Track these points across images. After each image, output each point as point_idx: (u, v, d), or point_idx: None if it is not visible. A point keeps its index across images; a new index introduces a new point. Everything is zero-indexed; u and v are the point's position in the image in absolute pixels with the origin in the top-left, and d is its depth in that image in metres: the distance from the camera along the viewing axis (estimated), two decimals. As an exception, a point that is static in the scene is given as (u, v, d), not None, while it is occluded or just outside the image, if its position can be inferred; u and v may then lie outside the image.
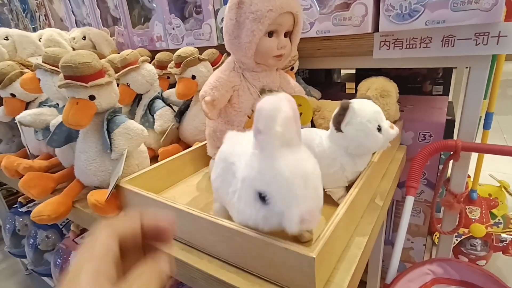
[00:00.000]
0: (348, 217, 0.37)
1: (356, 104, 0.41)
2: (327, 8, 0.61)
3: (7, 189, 1.46)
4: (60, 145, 0.55)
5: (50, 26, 1.30)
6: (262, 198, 0.29)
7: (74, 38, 0.95)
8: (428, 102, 0.83)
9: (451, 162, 0.62)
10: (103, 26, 1.05)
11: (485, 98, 0.68)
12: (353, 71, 1.29)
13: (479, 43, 0.53)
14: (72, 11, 1.14)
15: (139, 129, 0.52)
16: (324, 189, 0.46)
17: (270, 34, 0.46)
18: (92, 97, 0.48)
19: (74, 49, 0.94)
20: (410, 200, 0.57)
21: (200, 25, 0.79)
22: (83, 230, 0.87)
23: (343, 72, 1.49)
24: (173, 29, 0.85)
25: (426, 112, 0.73)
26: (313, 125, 0.61)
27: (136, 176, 0.49)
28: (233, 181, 0.33)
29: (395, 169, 0.56)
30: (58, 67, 0.57)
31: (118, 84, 0.68)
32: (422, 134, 0.67)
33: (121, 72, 0.65)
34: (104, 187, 0.52)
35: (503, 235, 0.91)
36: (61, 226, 0.99)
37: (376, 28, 0.57)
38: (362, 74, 1.15)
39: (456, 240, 0.92)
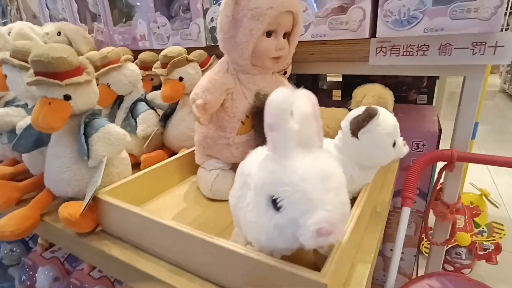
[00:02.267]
0: (355, 234, 0.34)
1: (381, 113, 0.38)
2: (323, 11, 0.59)
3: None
4: (28, 150, 0.48)
5: (21, 20, 1.21)
6: (274, 202, 0.24)
7: (47, 33, 0.87)
8: (417, 111, 0.82)
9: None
10: (81, 22, 0.98)
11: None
12: (339, 79, 1.29)
13: (476, 53, 0.52)
14: (46, 4, 1.06)
15: (121, 134, 0.47)
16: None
17: (269, 34, 0.43)
18: (67, 97, 0.42)
19: (47, 45, 0.87)
20: (406, 211, 0.55)
21: (187, 24, 0.75)
22: (53, 244, 0.79)
23: (329, 79, 1.49)
24: (158, 28, 0.80)
25: (418, 121, 0.72)
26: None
27: (116, 186, 0.44)
28: (249, 192, 0.28)
29: (392, 180, 0.55)
30: (28, 62, 0.51)
31: (97, 84, 0.63)
32: (416, 143, 0.66)
33: (101, 71, 0.60)
34: (79, 198, 0.46)
35: (486, 243, 0.92)
36: (27, 239, 0.90)
37: (373, 33, 0.56)
38: (348, 82, 1.15)
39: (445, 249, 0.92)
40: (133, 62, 0.68)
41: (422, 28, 0.52)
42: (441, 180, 0.65)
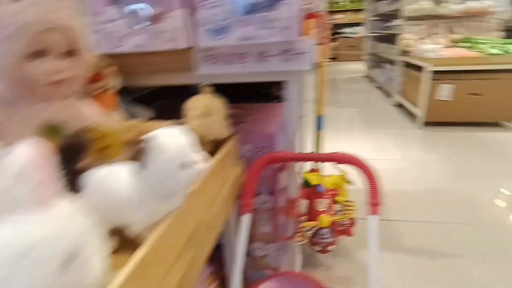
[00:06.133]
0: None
1: (158, 139, 0.35)
2: (139, 23, 0.55)
3: None
4: None
5: None
6: None
7: None
8: (271, 109, 0.86)
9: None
10: None
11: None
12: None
13: (284, 59, 0.55)
14: None
15: None
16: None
17: (38, 55, 0.36)
18: None
19: None
20: (246, 218, 0.56)
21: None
22: None
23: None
24: None
25: (263, 122, 0.75)
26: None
27: None
28: None
29: (228, 189, 0.54)
30: None
31: None
32: (257, 146, 0.68)
33: None
34: None
35: (345, 220, 1.04)
36: None
37: (193, 43, 0.54)
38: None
39: (312, 233, 1.01)
40: None
41: (235, 37, 0.52)
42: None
